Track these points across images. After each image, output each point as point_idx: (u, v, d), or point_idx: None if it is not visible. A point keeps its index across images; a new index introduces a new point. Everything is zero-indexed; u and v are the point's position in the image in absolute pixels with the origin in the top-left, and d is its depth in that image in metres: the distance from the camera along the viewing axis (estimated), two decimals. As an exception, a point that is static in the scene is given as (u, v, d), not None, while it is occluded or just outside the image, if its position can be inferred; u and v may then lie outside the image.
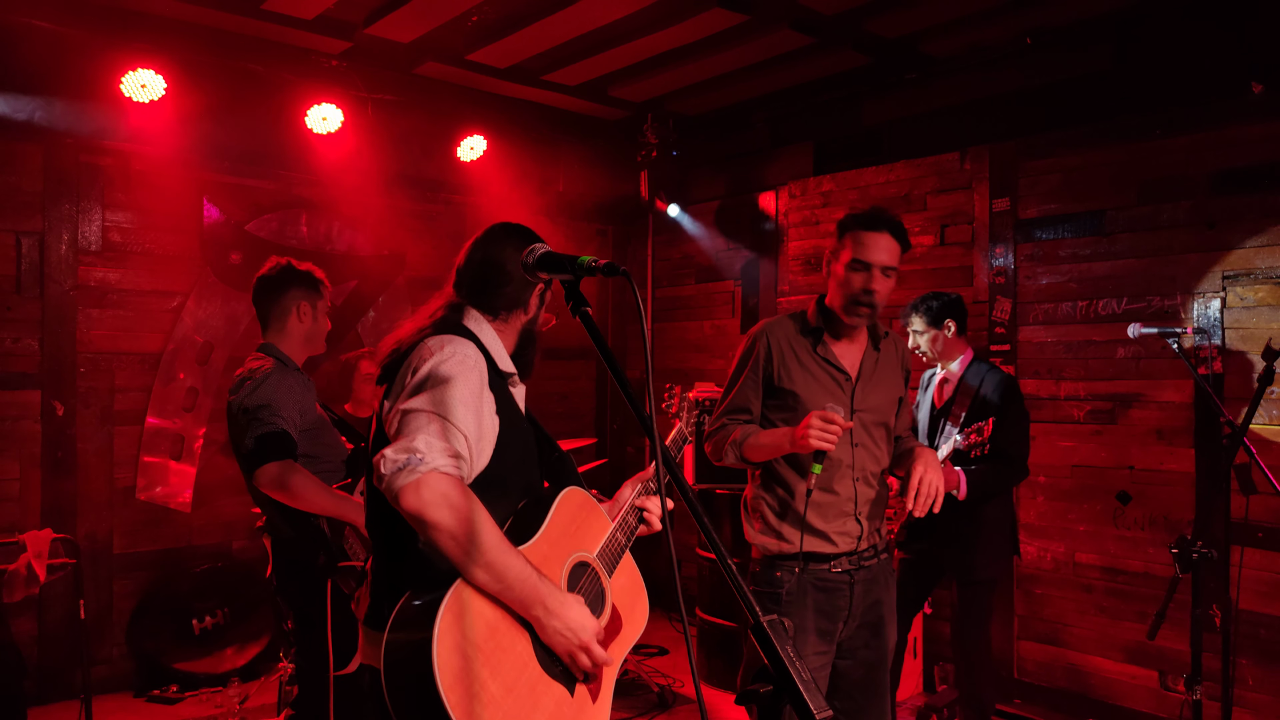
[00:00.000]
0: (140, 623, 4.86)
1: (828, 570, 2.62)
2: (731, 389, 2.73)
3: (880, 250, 2.61)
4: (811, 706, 1.07)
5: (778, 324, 2.75)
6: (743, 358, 2.72)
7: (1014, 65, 4.67)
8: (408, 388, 1.74)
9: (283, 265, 3.10)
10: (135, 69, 4.40)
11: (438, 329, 1.85)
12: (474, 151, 5.57)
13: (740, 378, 2.71)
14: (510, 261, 1.91)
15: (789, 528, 2.64)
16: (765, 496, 2.70)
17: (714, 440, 2.71)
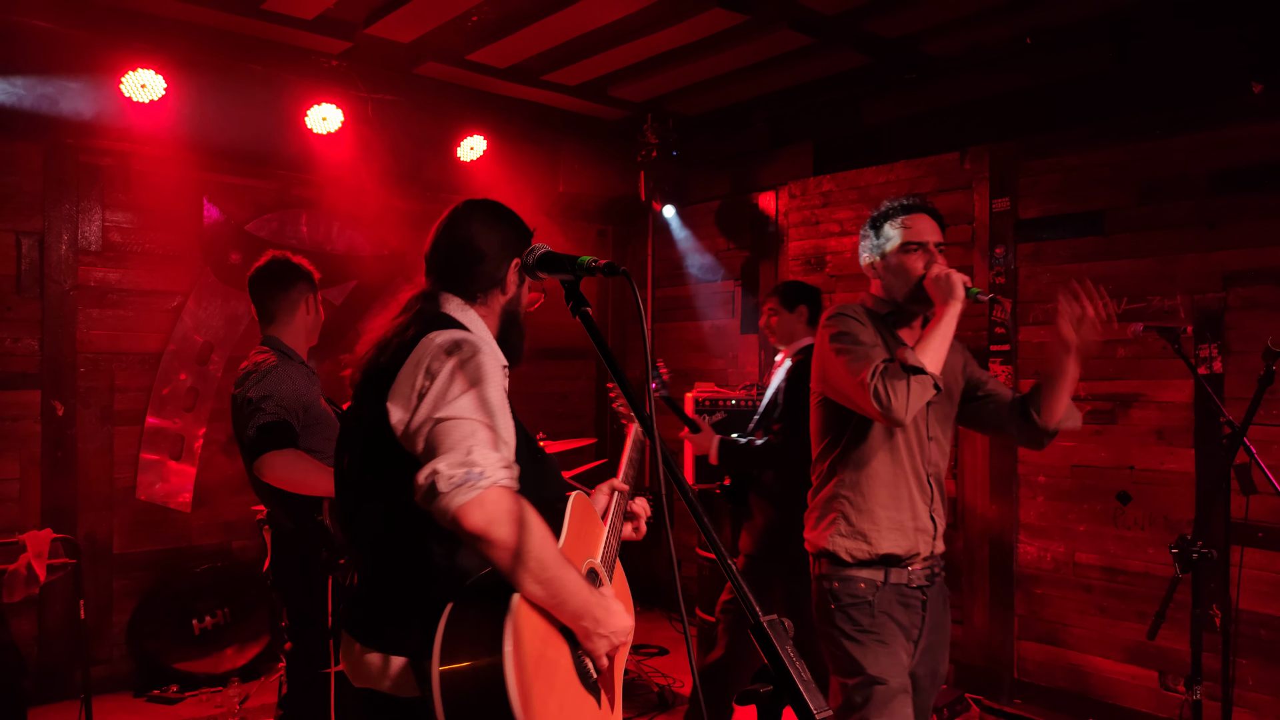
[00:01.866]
0: (140, 623, 4.86)
1: (906, 579, 2.47)
2: (856, 346, 2.40)
3: (929, 229, 2.58)
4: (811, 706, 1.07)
5: (851, 311, 2.54)
6: (853, 325, 2.46)
7: (1014, 65, 4.67)
8: (434, 392, 1.59)
9: (283, 258, 3.11)
10: (135, 69, 4.40)
11: (429, 324, 1.72)
12: (474, 151, 5.58)
13: (864, 337, 2.44)
14: (479, 237, 1.83)
15: (873, 526, 2.46)
16: (846, 493, 2.49)
17: (886, 384, 2.27)
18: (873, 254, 2.64)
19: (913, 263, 2.54)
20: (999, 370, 4.76)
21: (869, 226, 2.66)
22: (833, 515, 2.50)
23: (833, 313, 2.54)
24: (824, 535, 2.51)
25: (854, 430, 2.49)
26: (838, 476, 2.52)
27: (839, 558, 2.47)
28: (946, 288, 2.43)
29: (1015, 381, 4.70)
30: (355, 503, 1.75)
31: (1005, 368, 4.74)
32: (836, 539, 2.48)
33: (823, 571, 2.51)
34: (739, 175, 6.19)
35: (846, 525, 2.48)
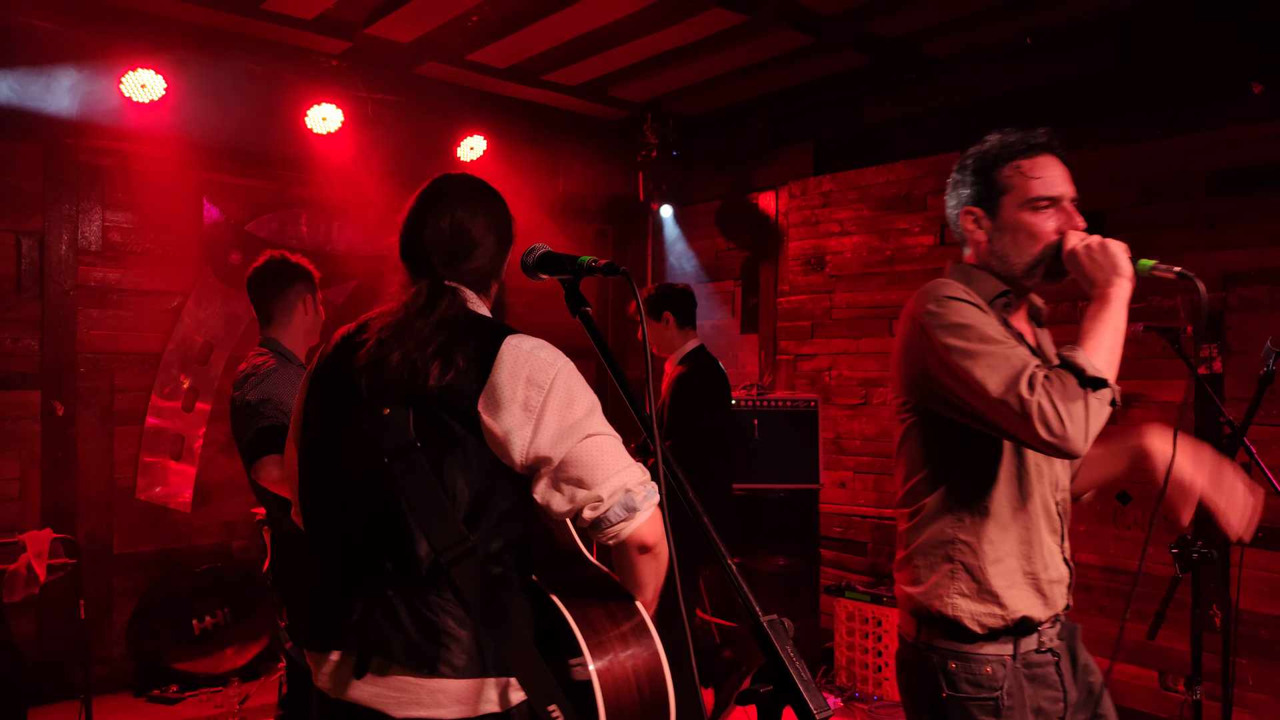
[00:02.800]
0: (140, 623, 4.86)
1: (1036, 644, 1.84)
2: (987, 344, 1.75)
3: (1061, 178, 1.95)
4: (811, 706, 1.07)
5: (953, 290, 1.88)
6: (971, 313, 1.82)
7: (1014, 65, 4.67)
8: (557, 406, 1.55)
9: (280, 258, 3.10)
10: (135, 69, 4.40)
11: (492, 327, 1.64)
12: (474, 151, 5.58)
13: (993, 329, 1.80)
14: (485, 226, 1.77)
15: (1005, 583, 1.81)
16: (965, 538, 1.83)
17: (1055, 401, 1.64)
18: (973, 210, 2.00)
19: (1042, 224, 1.89)
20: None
21: (967, 171, 2.02)
22: (948, 568, 1.84)
23: (933, 294, 1.87)
24: (938, 595, 1.83)
25: (973, 453, 1.85)
26: (950, 515, 1.85)
27: (964, 628, 1.80)
28: (1107, 261, 1.79)
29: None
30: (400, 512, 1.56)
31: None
32: (959, 602, 1.81)
33: (932, 643, 1.84)
34: (739, 175, 6.19)
35: (971, 582, 1.81)
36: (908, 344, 1.90)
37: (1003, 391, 1.68)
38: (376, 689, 1.53)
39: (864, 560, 5.39)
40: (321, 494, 1.70)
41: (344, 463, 1.65)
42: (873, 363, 5.40)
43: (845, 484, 5.48)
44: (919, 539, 1.89)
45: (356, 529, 1.61)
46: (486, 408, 1.54)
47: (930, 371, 1.83)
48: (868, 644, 4.78)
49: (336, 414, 1.68)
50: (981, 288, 1.93)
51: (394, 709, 1.51)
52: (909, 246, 5.23)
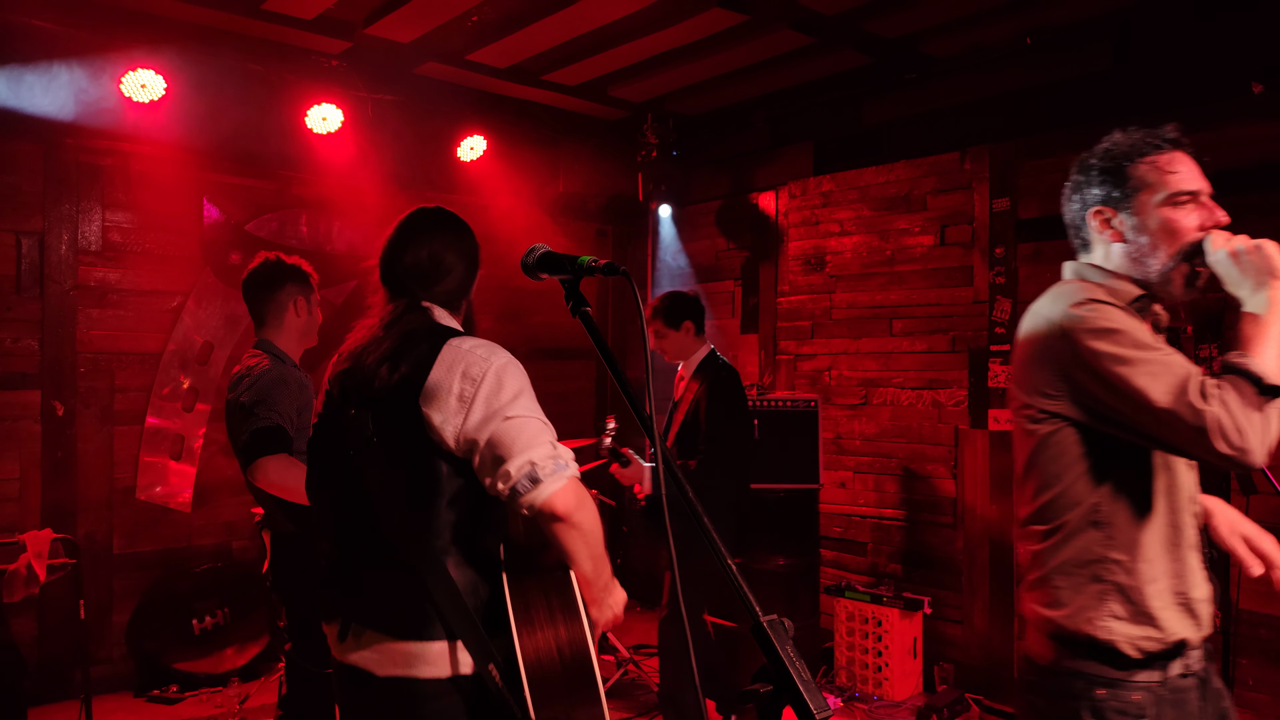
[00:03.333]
0: (140, 623, 4.86)
1: (1181, 670, 1.74)
2: (1145, 352, 1.65)
3: (1196, 175, 1.81)
4: (811, 706, 1.07)
5: (1095, 293, 1.78)
6: (1122, 319, 1.71)
7: (1014, 65, 4.67)
8: (485, 394, 1.71)
9: (272, 260, 3.10)
10: (135, 69, 4.40)
11: (441, 332, 1.83)
12: (474, 151, 5.58)
13: (1146, 338, 1.69)
14: (456, 252, 1.96)
15: (1162, 604, 1.71)
16: (1118, 557, 1.72)
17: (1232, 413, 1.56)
18: (1104, 210, 1.86)
19: (1183, 220, 1.77)
20: (999, 370, 4.76)
21: (1094, 171, 1.88)
22: (1097, 589, 1.72)
23: (1075, 296, 1.78)
24: (1086, 619, 1.72)
25: (1125, 465, 1.75)
26: (1098, 532, 1.74)
27: (1118, 653, 1.69)
28: (1263, 262, 1.67)
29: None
30: (367, 500, 1.78)
31: (1006, 368, 4.74)
32: (1113, 625, 1.70)
33: (1078, 669, 1.72)
34: (739, 175, 6.19)
35: (1125, 604, 1.70)
36: (1042, 348, 1.79)
37: (1170, 401, 1.59)
38: (363, 653, 1.75)
39: (864, 560, 5.39)
40: (318, 486, 1.95)
41: (323, 460, 1.90)
42: (873, 363, 5.40)
43: (845, 484, 5.48)
44: (1059, 558, 1.77)
45: (343, 517, 1.84)
46: (425, 401, 1.73)
47: (1075, 379, 1.73)
48: (868, 644, 4.78)
49: (327, 418, 1.93)
50: (1116, 291, 1.82)
51: (377, 669, 1.73)
52: (909, 246, 5.24)
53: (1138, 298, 1.82)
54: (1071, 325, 1.72)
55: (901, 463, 5.22)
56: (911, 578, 5.11)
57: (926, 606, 4.73)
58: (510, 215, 5.89)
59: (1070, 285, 1.85)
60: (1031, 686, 1.82)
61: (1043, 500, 1.81)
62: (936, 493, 5.05)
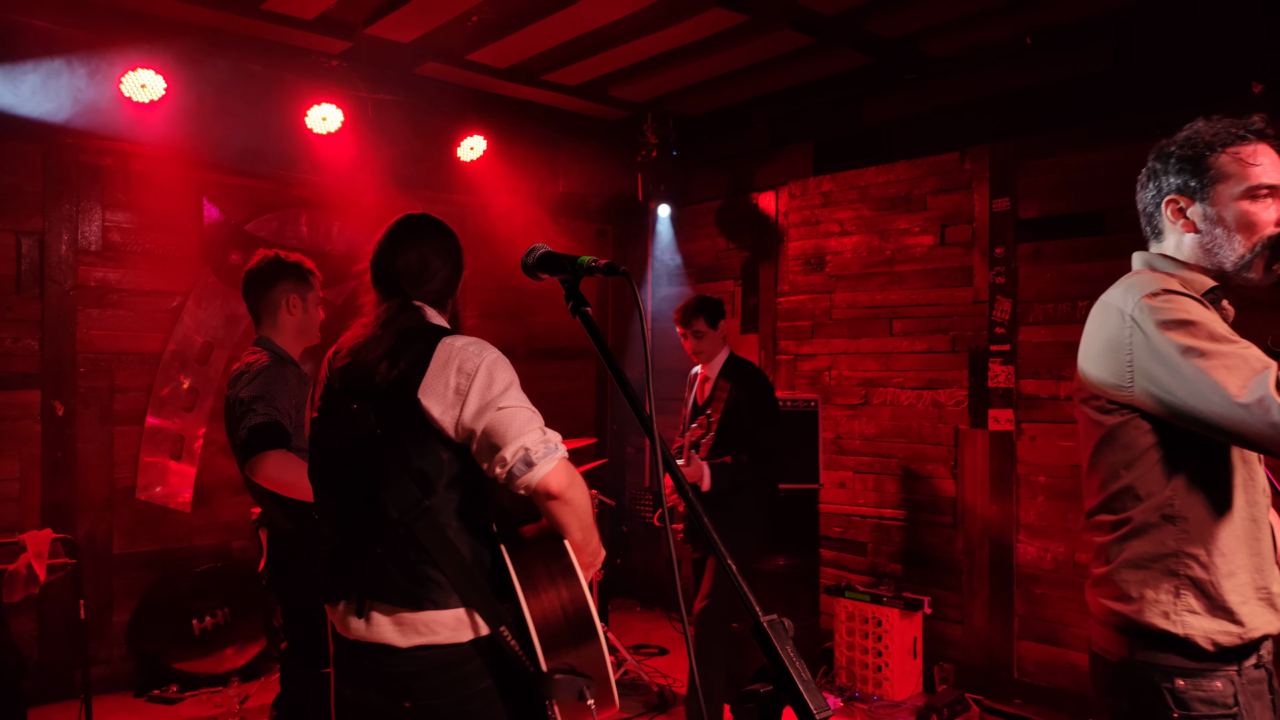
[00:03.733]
0: (140, 623, 4.86)
1: (1254, 663, 1.72)
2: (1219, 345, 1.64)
3: (1276, 167, 1.78)
4: (811, 706, 1.07)
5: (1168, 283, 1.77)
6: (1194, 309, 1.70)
7: (1014, 65, 4.67)
8: (479, 386, 1.86)
9: (270, 258, 3.09)
10: (135, 69, 4.40)
11: (433, 330, 1.97)
12: (474, 151, 5.58)
13: (1223, 331, 1.69)
14: (443, 255, 2.09)
15: (1240, 599, 1.69)
16: (1194, 550, 1.70)
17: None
18: (1178, 199, 1.85)
19: (1261, 214, 1.75)
20: (999, 371, 4.76)
21: (1171, 159, 1.86)
22: (1171, 584, 1.71)
23: (1147, 286, 1.76)
24: (1161, 613, 1.71)
25: (1199, 458, 1.73)
26: (1172, 525, 1.72)
27: (1195, 647, 1.68)
28: None
29: (1016, 382, 4.70)
30: (373, 485, 1.90)
31: (1006, 368, 4.74)
32: (1189, 620, 1.69)
33: (1153, 661, 1.71)
34: (739, 175, 6.19)
35: (1201, 599, 1.69)
36: (1113, 338, 1.76)
37: (1247, 396, 1.56)
38: (383, 628, 1.87)
39: (864, 560, 5.39)
40: (322, 477, 2.05)
41: (335, 450, 1.99)
42: (873, 363, 5.40)
43: (845, 484, 5.48)
44: (1128, 551, 1.76)
45: (347, 503, 1.95)
46: (424, 394, 1.87)
47: (1147, 370, 1.70)
48: (868, 644, 4.78)
49: (329, 411, 2.03)
50: (1189, 282, 1.79)
51: (400, 641, 1.86)
52: (909, 246, 5.24)
53: (1211, 289, 1.78)
54: (1145, 316, 1.70)
55: (901, 463, 5.22)
56: (911, 578, 5.11)
57: (926, 606, 4.73)
58: (510, 215, 5.89)
59: (1142, 275, 1.83)
60: (1109, 687, 1.78)
61: (1110, 492, 1.80)
62: (936, 493, 5.05)
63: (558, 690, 1.83)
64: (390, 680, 1.87)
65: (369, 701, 1.93)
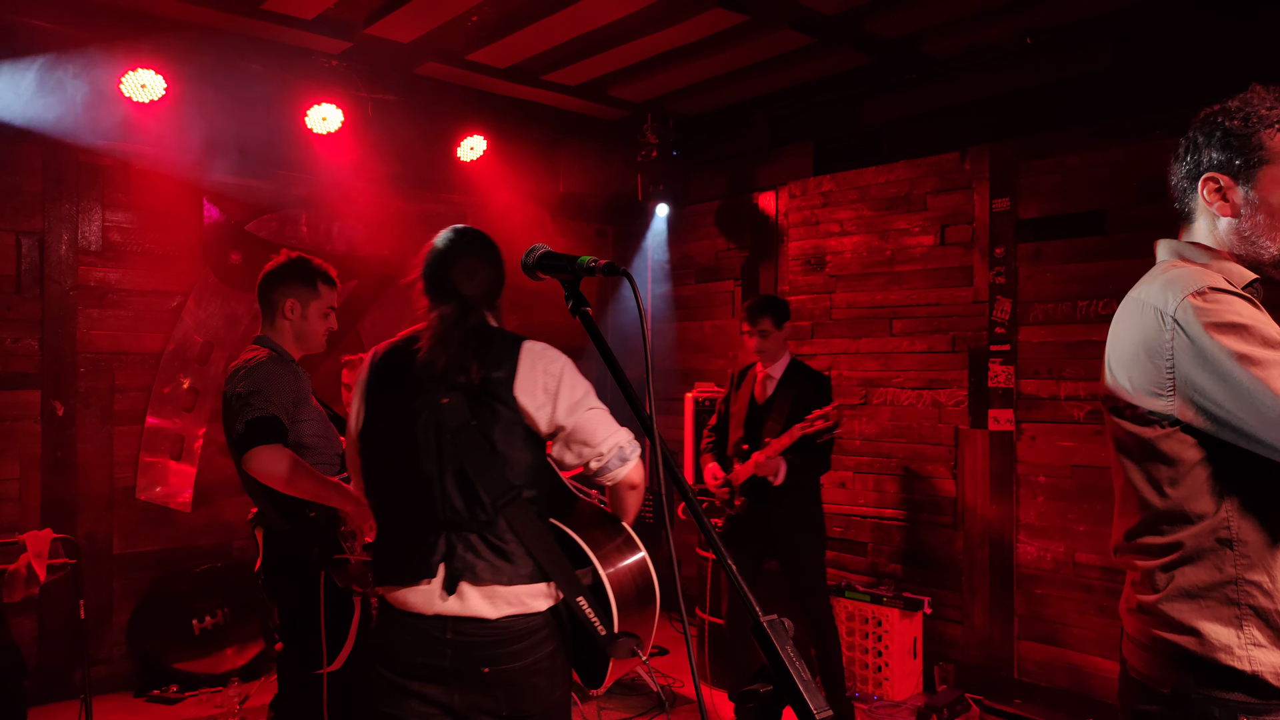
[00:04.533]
0: (140, 623, 4.86)
1: None
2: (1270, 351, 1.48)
3: None
4: (811, 706, 1.07)
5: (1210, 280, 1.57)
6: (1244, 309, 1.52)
7: (1014, 65, 4.67)
8: (567, 387, 2.10)
9: (283, 260, 3.09)
10: (135, 69, 4.40)
11: (508, 334, 2.18)
12: (474, 151, 5.58)
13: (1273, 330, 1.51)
14: (496, 266, 2.27)
15: None
16: (1255, 578, 1.54)
17: None
18: (1218, 177, 1.65)
19: None
20: (999, 371, 4.76)
21: (1216, 132, 1.67)
22: (1231, 613, 1.55)
23: (1189, 282, 1.57)
24: (1224, 645, 1.55)
25: (1260, 477, 1.54)
26: (1229, 550, 1.55)
27: (1264, 683, 1.52)
28: None
29: (1016, 382, 4.70)
30: (468, 473, 2.06)
31: (1006, 368, 4.74)
32: (1255, 654, 1.52)
33: (1211, 695, 1.56)
34: (739, 175, 6.19)
35: (1267, 630, 1.53)
36: (1147, 341, 1.58)
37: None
38: (473, 601, 2.04)
39: (864, 560, 5.39)
40: (398, 468, 2.14)
41: (417, 441, 2.10)
42: (873, 363, 5.40)
43: (845, 484, 5.48)
44: (1180, 579, 1.59)
45: (434, 489, 2.08)
46: (520, 392, 2.08)
47: (1192, 379, 1.52)
48: (868, 644, 4.78)
49: (402, 406, 2.14)
50: (1230, 274, 1.60)
51: (490, 612, 2.04)
52: (909, 246, 5.24)
53: (1251, 282, 1.60)
54: (1189, 317, 1.52)
55: (901, 463, 5.22)
56: (911, 578, 5.11)
57: (926, 606, 4.73)
58: (510, 215, 5.88)
59: (1181, 270, 1.61)
60: (1152, 716, 1.63)
61: (1154, 512, 1.63)
62: (936, 493, 5.05)
63: (619, 649, 2.06)
64: (473, 649, 2.03)
65: (436, 674, 2.06)
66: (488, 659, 2.04)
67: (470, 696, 2.06)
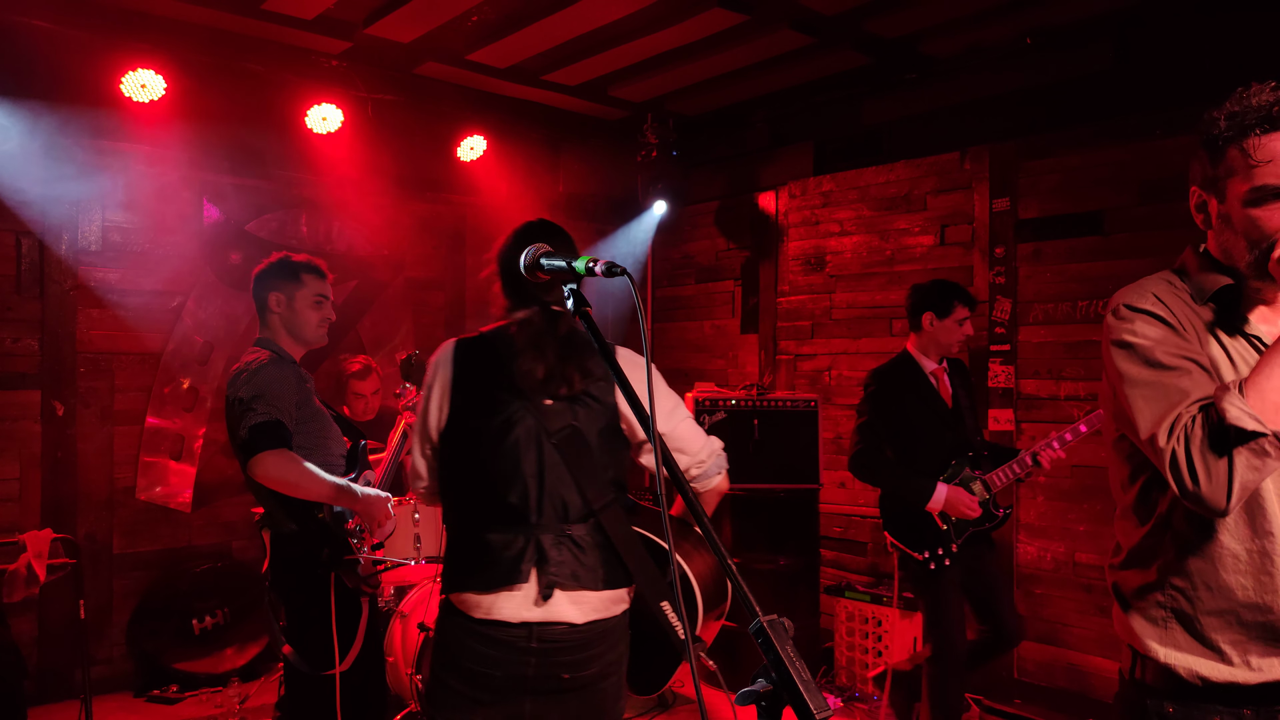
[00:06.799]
0: (140, 623, 4.86)
1: None
2: (1149, 369, 1.52)
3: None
4: (811, 706, 1.07)
5: (1153, 289, 1.62)
6: (1142, 326, 1.56)
7: (1014, 65, 4.67)
8: (662, 392, 2.20)
9: (266, 261, 3.11)
10: (135, 69, 4.40)
11: (600, 338, 2.22)
12: (474, 151, 5.57)
13: (1161, 352, 1.53)
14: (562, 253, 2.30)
15: (1233, 636, 1.53)
16: (1178, 582, 1.56)
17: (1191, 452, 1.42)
18: (1198, 191, 1.69)
19: (1266, 221, 1.53)
20: (999, 371, 4.76)
21: (1200, 141, 1.69)
22: (1158, 612, 1.59)
23: (1120, 299, 1.62)
24: (1147, 634, 1.60)
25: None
26: (1162, 558, 1.59)
27: (1178, 678, 1.56)
28: None
29: (1016, 382, 4.70)
30: (570, 478, 2.06)
31: (1006, 368, 4.74)
32: (1172, 654, 1.57)
33: (1147, 681, 1.61)
34: (739, 175, 6.19)
35: (1184, 633, 1.56)
36: (1104, 353, 1.64)
37: (1147, 431, 1.47)
38: (561, 606, 2.01)
39: (864, 560, 5.38)
40: (491, 469, 2.08)
41: (517, 443, 2.06)
42: (873, 363, 5.36)
43: (845, 484, 5.48)
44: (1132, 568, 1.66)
45: (531, 492, 2.04)
46: (619, 399, 2.11)
47: (1113, 387, 1.61)
48: (868, 644, 4.78)
49: (497, 408, 2.08)
50: (1200, 280, 1.62)
51: (577, 617, 2.03)
52: (909, 246, 5.24)
53: (1224, 287, 1.59)
54: (1105, 336, 1.62)
55: (901, 463, 5.21)
56: (911, 578, 5.11)
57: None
58: (510, 216, 5.86)
59: (1134, 285, 1.66)
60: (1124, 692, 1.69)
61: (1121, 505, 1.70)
62: (936, 493, 5.04)
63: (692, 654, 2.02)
64: (556, 654, 2.02)
65: (514, 687, 2.03)
66: (569, 665, 2.03)
67: (541, 707, 2.04)
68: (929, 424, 3.70)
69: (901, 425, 3.69)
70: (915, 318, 3.78)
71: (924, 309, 3.74)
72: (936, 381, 3.78)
